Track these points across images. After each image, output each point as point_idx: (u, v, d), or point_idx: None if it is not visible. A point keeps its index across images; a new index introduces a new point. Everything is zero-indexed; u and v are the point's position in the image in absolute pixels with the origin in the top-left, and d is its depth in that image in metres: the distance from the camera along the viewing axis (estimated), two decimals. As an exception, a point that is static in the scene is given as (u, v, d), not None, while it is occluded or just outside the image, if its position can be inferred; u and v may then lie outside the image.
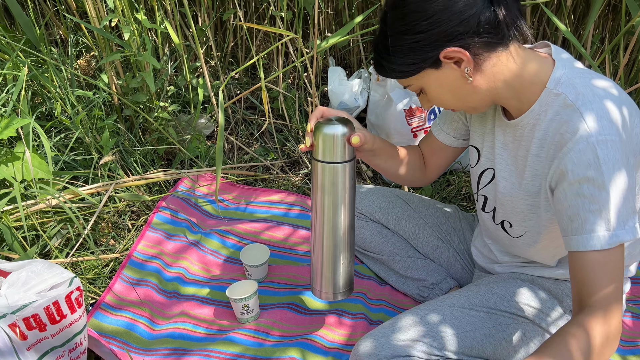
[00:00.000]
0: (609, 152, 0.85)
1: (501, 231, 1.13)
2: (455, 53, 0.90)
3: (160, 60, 1.85)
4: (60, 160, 1.58)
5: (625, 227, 0.86)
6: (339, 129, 1.03)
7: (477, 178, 1.14)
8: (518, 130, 1.00)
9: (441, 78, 0.94)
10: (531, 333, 1.09)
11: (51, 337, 1.11)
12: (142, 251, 1.50)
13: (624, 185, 0.85)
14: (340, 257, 1.15)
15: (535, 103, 0.95)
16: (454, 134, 1.20)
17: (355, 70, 2.19)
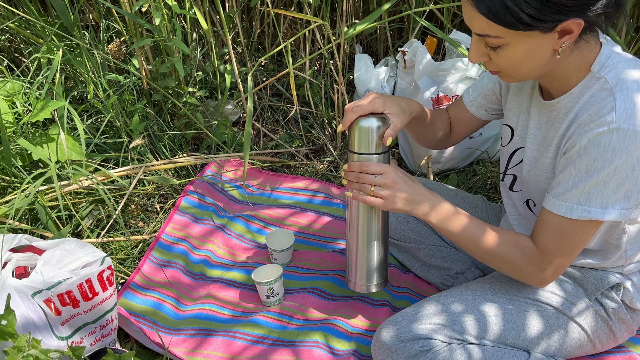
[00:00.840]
0: (624, 141, 0.87)
1: (528, 210, 1.14)
2: (575, 26, 0.85)
3: (189, 46, 1.87)
4: (91, 143, 1.61)
5: (606, 209, 0.92)
6: (374, 122, 1.05)
7: (508, 157, 1.14)
8: (553, 112, 1.00)
9: (538, 44, 0.88)
10: (555, 321, 1.09)
11: (84, 314, 1.15)
12: (170, 233, 1.53)
13: (623, 174, 0.89)
14: (375, 250, 1.19)
15: (577, 86, 0.95)
16: (486, 108, 1.21)
17: (382, 57, 2.18)
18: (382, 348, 1.08)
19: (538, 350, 1.09)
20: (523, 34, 0.86)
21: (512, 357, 1.06)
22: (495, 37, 0.88)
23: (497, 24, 0.86)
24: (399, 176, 1.05)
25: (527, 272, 1.03)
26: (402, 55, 1.79)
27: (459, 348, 1.05)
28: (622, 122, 0.87)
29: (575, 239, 0.97)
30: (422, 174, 1.80)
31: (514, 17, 0.83)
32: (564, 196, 0.94)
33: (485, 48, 0.92)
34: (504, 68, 0.94)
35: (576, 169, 0.92)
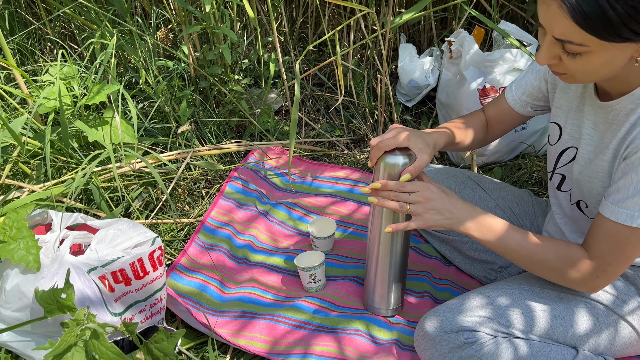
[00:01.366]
0: None
1: (577, 211, 1.12)
2: None
3: (235, 35, 1.89)
4: (142, 128, 1.65)
5: None
6: (400, 159, 1.06)
7: (557, 156, 1.12)
8: (611, 113, 0.97)
9: (620, 51, 0.83)
10: (605, 319, 1.07)
11: (135, 292, 1.19)
12: (215, 218, 1.56)
13: None
14: (393, 278, 1.23)
15: (639, 87, 0.91)
16: (532, 105, 1.19)
17: (425, 48, 2.16)
18: (426, 339, 1.08)
19: (586, 347, 1.07)
20: (610, 44, 0.81)
21: (560, 353, 1.05)
22: (579, 44, 0.82)
23: (590, 34, 0.80)
24: (433, 192, 1.04)
25: (577, 281, 1.01)
26: (449, 45, 1.77)
27: (505, 342, 1.04)
28: None
29: (632, 247, 0.94)
30: (466, 166, 1.79)
31: (614, 31, 0.78)
32: (624, 203, 0.92)
33: (559, 51, 0.86)
34: (574, 72, 0.89)
35: (638, 176, 0.89)
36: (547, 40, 0.87)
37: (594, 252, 0.99)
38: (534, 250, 1.02)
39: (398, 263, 1.21)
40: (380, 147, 1.06)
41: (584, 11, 0.77)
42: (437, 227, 1.05)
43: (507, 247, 1.04)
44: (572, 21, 0.79)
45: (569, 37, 0.82)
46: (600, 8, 0.76)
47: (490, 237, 1.04)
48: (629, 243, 0.94)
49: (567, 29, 0.81)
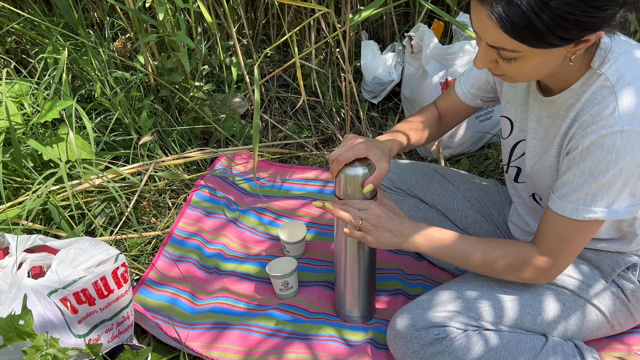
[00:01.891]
0: (628, 142, 0.86)
1: (534, 203, 1.13)
2: (594, 36, 0.82)
3: (194, 40, 1.86)
4: (101, 141, 1.62)
5: (611, 208, 0.90)
6: (359, 171, 1.06)
7: (510, 149, 1.13)
8: (554, 107, 0.98)
9: (553, 54, 0.84)
10: (572, 304, 1.08)
11: (100, 311, 1.15)
12: (182, 228, 1.53)
13: (628, 174, 0.88)
14: (363, 286, 1.22)
15: (577, 82, 0.92)
16: (481, 97, 1.20)
17: (388, 43, 2.16)
18: (398, 337, 1.07)
19: (555, 333, 1.08)
20: (549, 50, 0.82)
21: (530, 342, 1.05)
22: (512, 51, 0.83)
23: (520, 42, 0.81)
24: (383, 211, 1.04)
25: (532, 278, 1.03)
26: (409, 40, 1.76)
27: (475, 334, 1.04)
28: (625, 123, 0.85)
29: (579, 239, 0.97)
30: (434, 159, 1.79)
31: (542, 38, 0.79)
32: (569, 197, 0.94)
33: (495, 56, 0.88)
34: (511, 74, 0.90)
35: (580, 171, 0.91)
36: (482, 46, 0.88)
37: (543, 248, 1.00)
38: (485, 256, 1.03)
39: (366, 270, 1.20)
40: (340, 161, 1.04)
41: (511, 21, 0.78)
42: (386, 245, 1.05)
43: (459, 257, 1.05)
44: (501, 30, 0.80)
45: (501, 45, 0.83)
46: (527, 18, 0.77)
47: (440, 251, 1.05)
48: (576, 236, 0.96)
49: (498, 37, 0.82)
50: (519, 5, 0.76)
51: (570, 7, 0.75)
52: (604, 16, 0.78)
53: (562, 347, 1.06)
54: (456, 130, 1.75)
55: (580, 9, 0.76)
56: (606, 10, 0.77)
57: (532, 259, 1.01)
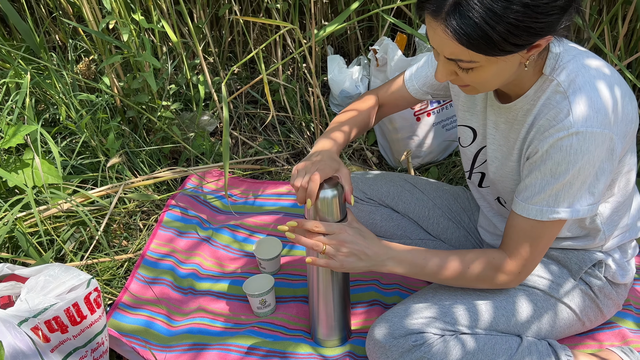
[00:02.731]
0: (584, 143, 0.90)
1: (500, 206, 1.17)
2: (544, 41, 0.85)
3: (160, 60, 1.85)
4: (68, 165, 1.59)
5: (573, 207, 0.95)
6: (329, 192, 1.04)
7: (473, 156, 1.16)
8: (512, 113, 1.02)
9: (508, 61, 0.87)
10: (543, 304, 1.11)
11: (73, 338, 1.13)
12: (155, 250, 1.51)
13: (587, 173, 0.92)
14: (336, 312, 1.21)
15: (531, 89, 0.97)
16: (433, 94, 1.23)
17: (354, 57, 2.19)
18: (376, 346, 1.08)
19: (530, 333, 1.11)
20: (497, 57, 0.86)
21: (505, 343, 1.07)
22: (469, 61, 0.86)
23: (477, 52, 0.84)
24: (348, 235, 1.02)
25: (505, 283, 1.05)
26: (374, 53, 1.80)
27: (452, 339, 1.06)
28: (579, 125, 0.89)
29: (545, 239, 1.00)
30: (403, 169, 1.82)
31: (497, 47, 0.82)
32: (532, 200, 0.97)
33: (454, 67, 0.91)
34: (472, 84, 0.93)
35: (541, 173, 0.94)
36: (440, 59, 0.91)
37: (512, 252, 1.02)
38: (456, 268, 1.04)
39: (340, 294, 1.19)
40: (312, 190, 1.02)
41: (466, 33, 0.81)
42: (354, 270, 1.04)
43: (432, 273, 1.05)
44: (457, 43, 0.83)
45: (458, 56, 0.86)
46: (481, 29, 0.80)
47: (411, 270, 1.05)
48: (542, 236, 0.99)
49: (455, 50, 0.85)
50: (472, 18, 0.80)
51: (519, 15, 0.79)
52: (551, 21, 0.83)
53: (537, 347, 1.09)
54: (424, 139, 1.78)
55: (529, 15, 0.80)
56: (551, 15, 0.82)
57: (502, 265, 1.03)
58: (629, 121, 0.94)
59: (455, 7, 0.80)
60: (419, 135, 1.77)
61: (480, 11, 0.79)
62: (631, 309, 1.29)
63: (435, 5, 0.83)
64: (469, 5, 0.79)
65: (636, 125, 0.97)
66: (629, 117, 0.94)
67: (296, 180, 1.04)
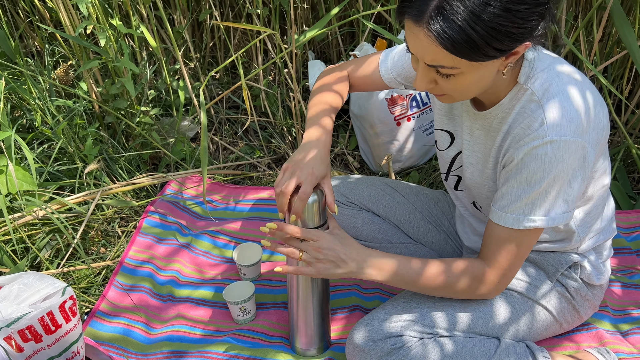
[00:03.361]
0: (559, 151, 0.91)
1: (476, 210, 1.18)
2: (523, 48, 0.86)
3: (139, 65, 1.84)
4: (44, 172, 1.56)
5: (549, 215, 0.95)
6: (310, 198, 1.03)
7: (450, 160, 1.16)
8: (487, 121, 1.03)
9: (488, 68, 0.88)
10: (521, 306, 1.11)
11: (47, 348, 1.11)
12: (133, 257, 1.50)
13: (561, 182, 0.93)
14: (316, 318, 1.20)
15: (506, 97, 0.98)
16: (406, 84, 1.21)
17: (335, 62, 2.20)
18: (356, 350, 1.08)
19: (507, 335, 1.11)
20: (479, 63, 0.86)
21: (483, 346, 1.08)
22: (451, 67, 0.86)
23: (459, 57, 0.83)
24: (326, 241, 1.01)
25: (486, 293, 1.05)
26: (354, 57, 1.80)
27: (431, 342, 1.06)
28: (554, 134, 0.90)
29: (524, 247, 1.00)
30: (384, 174, 1.82)
31: (480, 51, 0.82)
32: (508, 208, 0.97)
33: (434, 75, 0.90)
34: (451, 92, 0.93)
35: (517, 182, 0.95)
36: (420, 67, 0.91)
37: (491, 261, 1.02)
38: (437, 279, 1.03)
39: (320, 302, 1.18)
40: (298, 208, 1.01)
41: (449, 37, 0.81)
42: (330, 276, 1.02)
43: (411, 282, 1.04)
44: (440, 47, 0.83)
45: (440, 62, 0.86)
46: (464, 32, 0.80)
47: (391, 278, 1.03)
48: (520, 245, 0.99)
49: (437, 55, 0.85)
50: (455, 21, 0.80)
51: (501, 19, 0.80)
52: (530, 27, 0.84)
53: (515, 349, 1.09)
54: (404, 144, 1.79)
55: (510, 20, 0.81)
56: (531, 20, 0.83)
57: (482, 276, 1.03)
58: (601, 129, 0.96)
59: (439, 11, 0.81)
60: (400, 139, 1.78)
61: (463, 15, 0.79)
62: (608, 310, 1.31)
63: (417, 9, 0.82)
64: (452, 9, 0.80)
65: (607, 132, 0.99)
66: (600, 125, 0.96)
67: (277, 186, 1.03)
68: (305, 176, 1.02)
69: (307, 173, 1.02)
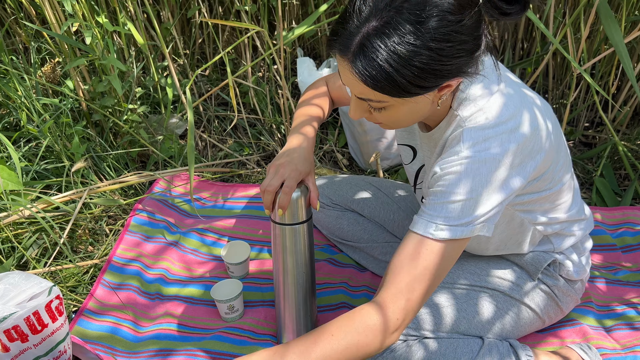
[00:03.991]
0: (472, 165, 0.88)
1: None
2: (455, 82, 0.86)
3: (126, 62, 1.83)
4: (31, 171, 1.56)
5: (461, 226, 0.89)
6: (294, 194, 1.06)
7: (415, 173, 1.17)
8: (432, 141, 1.04)
9: (419, 102, 0.88)
10: (504, 305, 1.12)
11: (34, 347, 1.11)
12: (121, 255, 1.49)
13: (476, 195, 0.88)
14: (302, 314, 1.21)
15: (443, 121, 0.98)
16: None
17: (325, 59, 2.20)
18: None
19: (491, 334, 1.12)
20: (406, 99, 0.86)
21: (467, 346, 1.09)
22: (378, 101, 0.87)
23: (383, 94, 0.84)
24: None
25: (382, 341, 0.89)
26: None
27: (415, 343, 1.07)
28: (469, 150, 0.89)
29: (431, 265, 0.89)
30: (372, 171, 1.83)
31: (403, 89, 0.82)
32: (422, 214, 0.92)
33: (366, 106, 0.91)
34: (385, 122, 0.94)
35: (434, 195, 0.92)
36: (352, 98, 0.92)
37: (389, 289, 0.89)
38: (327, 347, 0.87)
39: (305, 298, 1.19)
40: (284, 202, 1.03)
41: (371, 76, 0.81)
42: None
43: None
44: (363, 85, 0.83)
45: (367, 96, 0.86)
46: (386, 72, 0.80)
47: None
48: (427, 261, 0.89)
49: (363, 90, 0.85)
50: (376, 60, 0.80)
51: (424, 58, 0.79)
52: (459, 64, 0.83)
53: (498, 348, 1.10)
54: (393, 141, 1.79)
55: (434, 59, 0.80)
56: (459, 58, 0.82)
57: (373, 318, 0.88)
58: (531, 151, 0.92)
59: (361, 49, 0.80)
60: (388, 137, 1.78)
61: (384, 54, 0.79)
62: (592, 306, 1.32)
63: (342, 44, 0.82)
64: (374, 48, 0.79)
65: (543, 154, 0.95)
66: (530, 148, 0.92)
67: (262, 185, 1.05)
68: (289, 172, 1.04)
69: (291, 169, 1.04)
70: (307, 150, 1.09)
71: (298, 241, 1.12)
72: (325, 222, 1.46)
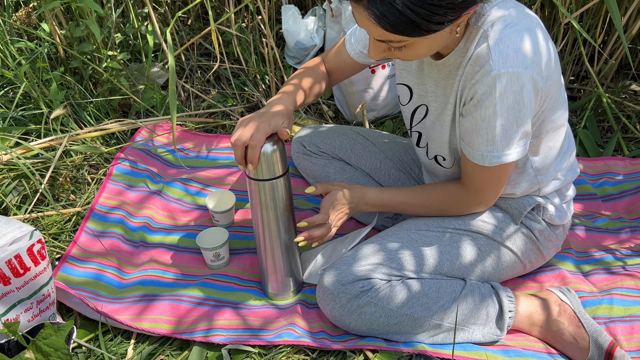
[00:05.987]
0: (507, 84, 0.91)
1: (436, 165, 1.18)
2: (475, 7, 0.87)
3: (104, 7, 1.76)
4: (7, 117, 1.51)
5: (510, 149, 0.97)
6: (268, 147, 1.04)
7: (411, 115, 1.16)
8: (447, 68, 1.02)
9: (438, 35, 0.88)
10: (486, 248, 1.14)
11: (17, 290, 1.10)
12: (104, 203, 1.48)
13: (515, 114, 0.94)
14: (285, 264, 1.22)
15: (462, 41, 0.97)
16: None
17: (310, 8, 2.14)
18: (326, 293, 1.10)
19: (473, 276, 1.14)
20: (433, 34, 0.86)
21: (449, 287, 1.11)
22: (398, 41, 0.87)
23: (401, 35, 0.84)
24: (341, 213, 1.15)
25: (464, 210, 1.13)
26: (329, 3, 1.76)
27: (399, 284, 1.08)
28: (500, 67, 0.90)
29: (494, 179, 1.05)
30: (358, 123, 1.81)
31: (422, 28, 0.83)
32: (473, 144, 1.00)
33: (385, 46, 0.92)
34: (405, 58, 0.94)
35: (475, 119, 0.97)
36: (371, 40, 0.92)
37: (468, 187, 1.09)
38: (421, 200, 1.15)
39: (287, 246, 1.19)
40: (254, 156, 1.02)
41: (389, 20, 0.81)
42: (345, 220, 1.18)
43: (400, 206, 1.17)
44: (381, 28, 0.84)
45: (387, 38, 0.87)
46: (403, 14, 0.80)
47: (383, 209, 1.18)
48: (490, 177, 1.04)
49: (382, 33, 0.86)
50: (393, 4, 0.79)
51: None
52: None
53: (479, 289, 1.13)
54: (379, 92, 1.78)
55: None
56: None
57: (461, 198, 1.11)
58: (549, 60, 0.96)
59: None
60: (374, 88, 1.76)
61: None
62: (571, 252, 1.35)
63: None
64: None
65: (558, 68, 1.00)
66: (549, 58, 0.96)
67: (232, 136, 1.03)
68: (258, 125, 1.02)
69: (260, 121, 1.03)
70: (284, 102, 1.08)
71: (275, 196, 1.12)
72: (312, 170, 1.45)
